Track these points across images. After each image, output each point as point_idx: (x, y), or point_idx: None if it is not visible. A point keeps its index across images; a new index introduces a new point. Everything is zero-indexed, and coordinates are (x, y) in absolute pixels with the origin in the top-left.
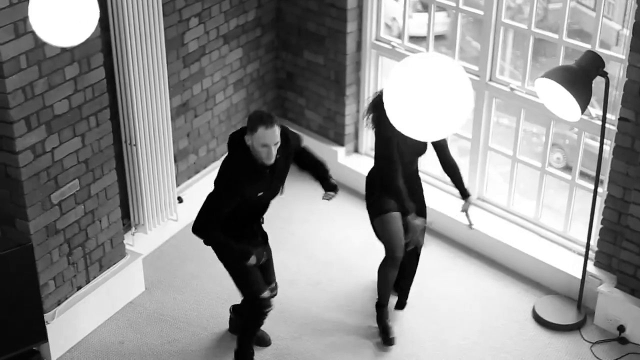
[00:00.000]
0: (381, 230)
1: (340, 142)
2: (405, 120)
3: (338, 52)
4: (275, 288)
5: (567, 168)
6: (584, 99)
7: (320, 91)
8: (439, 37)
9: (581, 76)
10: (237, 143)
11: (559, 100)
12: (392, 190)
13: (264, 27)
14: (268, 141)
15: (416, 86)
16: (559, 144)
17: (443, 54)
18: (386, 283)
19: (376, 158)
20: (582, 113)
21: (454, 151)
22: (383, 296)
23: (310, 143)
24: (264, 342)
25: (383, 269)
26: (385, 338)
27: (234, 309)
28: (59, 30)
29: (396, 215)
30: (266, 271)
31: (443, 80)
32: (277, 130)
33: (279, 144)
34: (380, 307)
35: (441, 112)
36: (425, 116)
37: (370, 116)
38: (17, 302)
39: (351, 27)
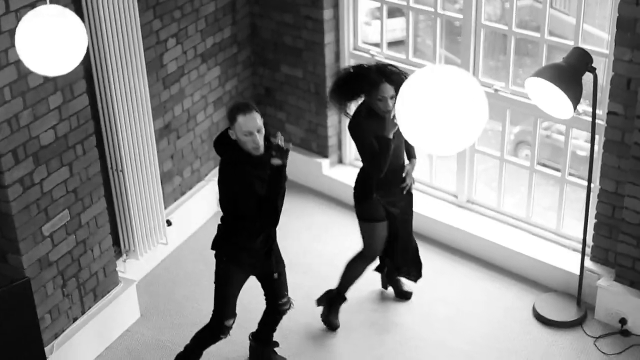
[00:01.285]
0: (366, 233)
1: (323, 153)
2: (421, 135)
3: (317, 64)
4: (288, 302)
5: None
6: (575, 95)
7: (301, 104)
8: (398, 43)
9: (571, 73)
10: (225, 144)
11: (550, 98)
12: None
13: (239, 43)
14: (250, 127)
15: (431, 100)
16: (527, 140)
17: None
18: (354, 277)
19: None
20: (574, 110)
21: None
22: (345, 287)
23: (293, 156)
24: None
25: (356, 263)
26: (331, 325)
27: (254, 337)
28: (47, 59)
29: (384, 225)
30: (275, 284)
31: (460, 93)
32: (256, 116)
33: (263, 131)
34: (338, 295)
35: (460, 125)
36: (443, 130)
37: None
38: (16, 339)
39: (329, 38)
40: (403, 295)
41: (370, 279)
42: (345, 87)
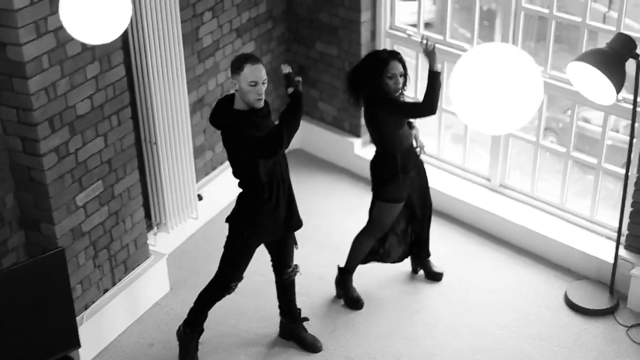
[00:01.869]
0: (383, 213)
1: (356, 133)
2: (475, 113)
3: (352, 43)
4: (294, 270)
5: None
6: (619, 81)
7: (335, 82)
8: (426, 25)
9: (615, 59)
10: (223, 112)
11: (592, 84)
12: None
13: (275, 19)
14: (256, 77)
15: (489, 78)
16: (552, 127)
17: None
18: (361, 252)
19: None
20: (617, 96)
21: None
22: (353, 264)
23: (325, 135)
24: (315, 348)
25: (363, 238)
26: (354, 302)
27: (283, 313)
28: (91, 27)
29: (401, 206)
30: (284, 253)
31: (516, 72)
32: (262, 68)
33: (266, 83)
34: (347, 273)
35: (517, 103)
36: (499, 108)
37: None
38: (49, 308)
39: (365, 16)
40: (434, 277)
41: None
42: (360, 72)
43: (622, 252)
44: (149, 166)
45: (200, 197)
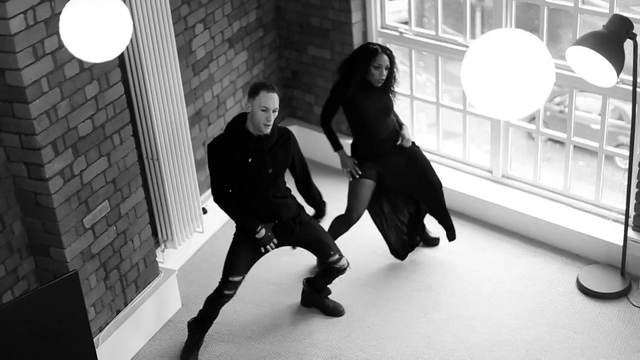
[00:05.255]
0: (351, 190)
1: None
2: (485, 98)
3: (345, 44)
4: (340, 259)
5: (549, 139)
6: (618, 63)
7: (329, 86)
8: (404, 24)
9: (613, 40)
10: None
11: (592, 67)
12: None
13: (265, 27)
14: (268, 104)
15: (500, 63)
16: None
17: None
18: (335, 233)
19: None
20: (618, 77)
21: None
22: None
23: (323, 139)
24: (337, 312)
25: (338, 222)
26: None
27: (307, 281)
28: (94, 44)
29: (369, 184)
30: (314, 250)
31: (528, 57)
32: (276, 97)
33: (277, 112)
34: None
35: (527, 89)
36: (508, 94)
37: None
38: (66, 334)
39: (356, 17)
40: (430, 243)
41: (413, 259)
42: (350, 61)
43: (631, 233)
44: (152, 183)
45: (205, 211)
